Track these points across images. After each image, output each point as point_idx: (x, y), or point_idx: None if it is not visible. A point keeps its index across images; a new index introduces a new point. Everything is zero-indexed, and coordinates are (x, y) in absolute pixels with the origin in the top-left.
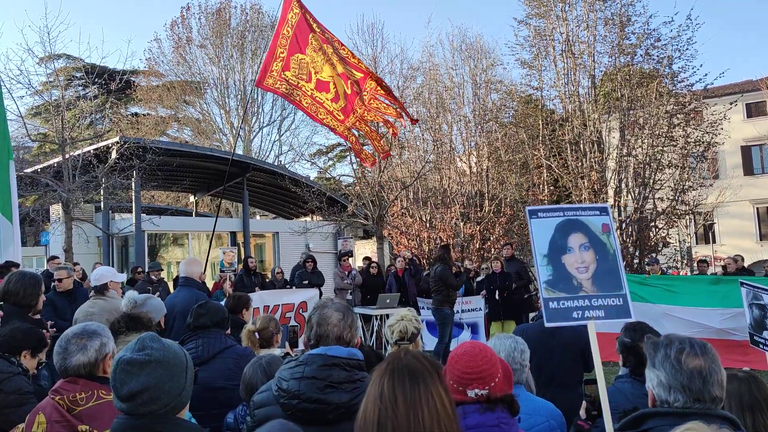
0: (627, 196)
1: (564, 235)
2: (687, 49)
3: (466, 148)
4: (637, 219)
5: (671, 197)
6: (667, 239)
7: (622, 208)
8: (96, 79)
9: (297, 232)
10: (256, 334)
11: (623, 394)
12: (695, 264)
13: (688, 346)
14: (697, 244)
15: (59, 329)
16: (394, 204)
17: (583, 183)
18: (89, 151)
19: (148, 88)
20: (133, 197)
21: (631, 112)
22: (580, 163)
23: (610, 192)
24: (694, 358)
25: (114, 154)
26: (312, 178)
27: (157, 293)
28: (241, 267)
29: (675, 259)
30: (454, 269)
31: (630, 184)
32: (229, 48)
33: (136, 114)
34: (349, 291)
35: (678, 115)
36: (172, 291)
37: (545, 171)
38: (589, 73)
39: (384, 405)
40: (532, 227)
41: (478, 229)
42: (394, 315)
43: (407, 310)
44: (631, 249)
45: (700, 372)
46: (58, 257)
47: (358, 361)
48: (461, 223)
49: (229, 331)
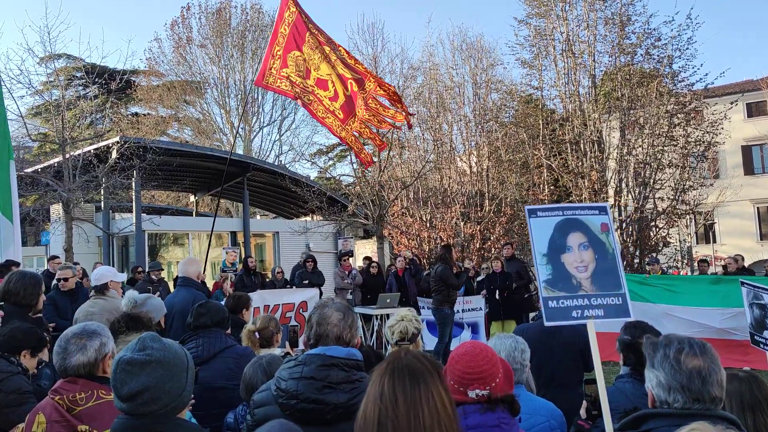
0: (627, 196)
1: (563, 235)
2: (687, 48)
3: (467, 147)
4: (637, 219)
5: (672, 197)
6: (668, 239)
7: (623, 208)
8: (96, 79)
9: (297, 232)
10: (257, 333)
11: (624, 394)
12: (696, 264)
13: (687, 346)
14: (697, 243)
15: (60, 329)
16: (395, 204)
17: (584, 183)
18: (89, 151)
19: (148, 88)
20: (133, 197)
21: (631, 111)
22: (580, 163)
23: (611, 192)
24: (693, 358)
25: (114, 154)
26: (312, 178)
27: (158, 293)
28: (240, 267)
29: (675, 259)
30: (455, 269)
31: (630, 183)
32: (230, 48)
33: (137, 114)
34: (350, 291)
35: (678, 114)
36: (172, 291)
37: (545, 171)
38: (589, 72)
39: (384, 405)
40: (531, 226)
41: (478, 228)
42: (394, 315)
43: (407, 310)
44: (631, 249)
45: (699, 372)
46: (58, 257)
47: (356, 361)
48: (461, 223)
49: (229, 330)
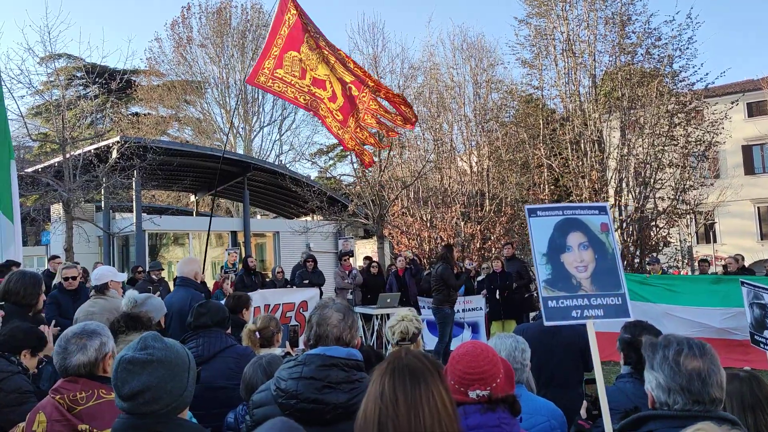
0: (628, 196)
1: (563, 234)
2: (687, 48)
3: (467, 147)
4: (637, 218)
5: (672, 196)
6: (668, 239)
7: (623, 208)
8: (96, 79)
9: (297, 232)
10: (257, 333)
11: (624, 394)
12: (696, 263)
13: (687, 347)
14: (698, 243)
15: (62, 328)
16: (395, 203)
17: (584, 182)
18: (90, 151)
19: (148, 88)
20: (133, 197)
21: (631, 111)
22: (580, 163)
23: (611, 191)
24: (693, 359)
25: (115, 154)
26: (313, 178)
27: (158, 293)
28: (240, 267)
29: (676, 259)
30: (456, 269)
31: (631, 183)
32: (230, 47)
33: (137, 113)
34: (350, 290)
35: (679, 114)
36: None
37: (546, 170)
38: (589, 72)
39: (385, 404)
40: (531, 226)
41: (478, 228)
42: (394, 315)
43: (408, 310)
44: (632, 248)
45: (699, 373)
46: (58, 257)
47: (356, 361)
48: (462, 223)
49: (229, 330)
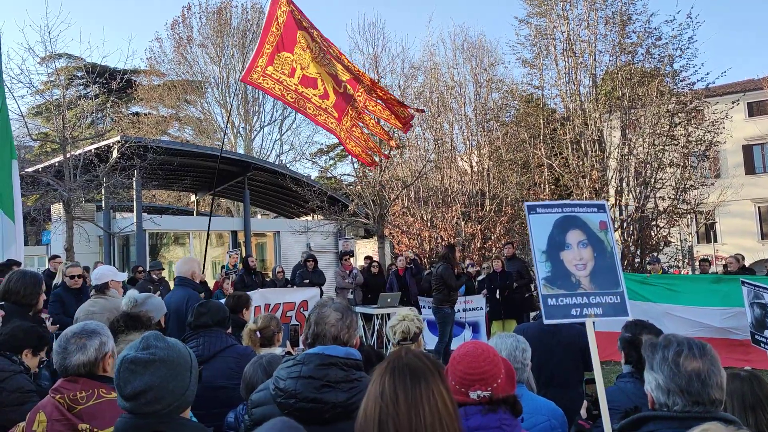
0: (628, 195)
1: (562, 232)
2: (688, 48)
3: (467, 147)
4: (638, 218)
5: (673, 196)
6: (669, 238)
7: (624, 207)
8: (97, 79)
9: (298, 232)
10: (258, 333)
11: (625, 394)
12: (697, 263)
13: (686, 348)
14: (698, 243)
15: (66, 326)
16: (395, 203)
17: (584, 182)
18: (90, 151)
19: (149, 88)
20: (134, 196)
21: (632, 111)
22: (581, 162)
23: (612, 191)
24: (693, 360)
25: (115, 154)
26: (313, 178)
27: (158, 292)
28: (241, 267)
29: (676, 259)
30: (457, 270)
31: (631, 183)
32: (230, 47)
33: (137, 113)
34: (350, 290)
35: (679, 114)
36: None
37: (546, 170)
38: (590, 72)
39: (385, 403)
40: (530, 223)
41: (479, 228)
42: (396, 315)
43: (408, 309)
44: (632, 248)
45: (698, 374)
46: (59, 256)
47: (355, 360)
48: (462, 223)
49: (230, 330)
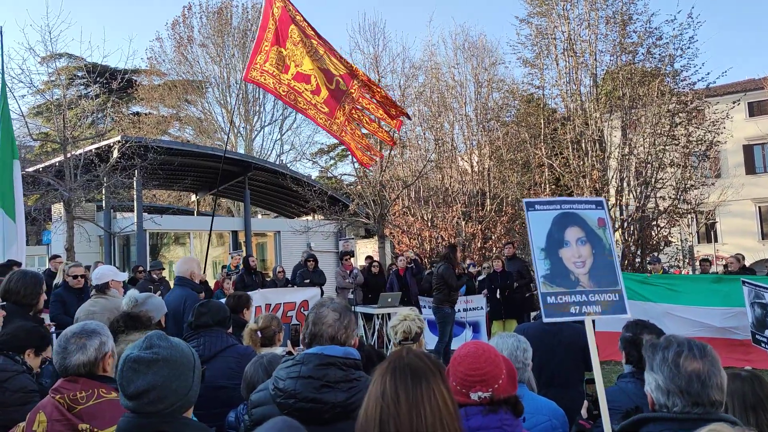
0: (629, 195)
1: (561, 229)
2: (689, 47)
3: (468, 147)
4: (638, 218)
5: (673, 196)
6: (669, 238)
7: (624, 207)
8: (97, 78)
9: (298, 232)
10: (258, 332)
11: (626, 394)
12: (697, 263)
13: (687, 349)
14: (699, 243)
15: (65, 326)
16: (396, 203)
17: (585, 182)
18: (91, 150)
19: (149, 87)
20: (134, 196)
21: (632, 110)
22: (581, 162)
23: (612, 191)
24: (693, 361)
25: (116, 153)
26: (313, 177)
27: (159, 292)
28: (242, 267)
29: (677, 258)
30: (458, 270)
31: (632, 182)
32: (231, 47)
33: (138, 113)
34: (351, 290)
35: (680, 113)
36: None
37: (547, 170)
38: (590, 71)
39: (386, 403)
40: (529, 220)
41: (479, 228)
42: (397, 315)
43: (409, 309)
44: (632, 248)
45: (698, 375)
46: (59, 256)
47: (354, 360)
48: (463, 222)
49: (230, 330)
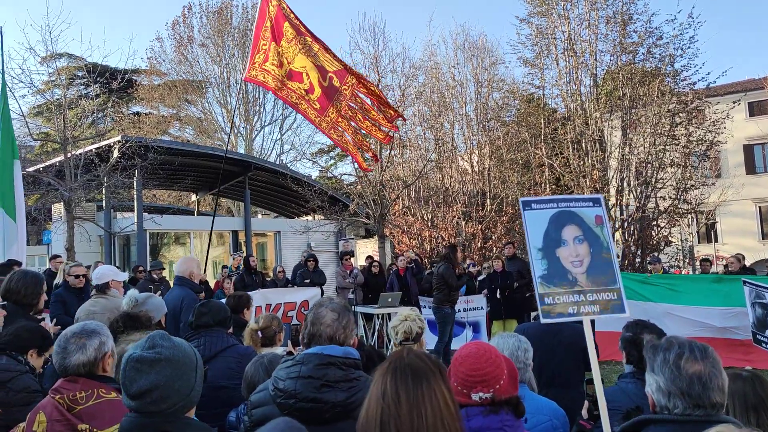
0: (629, 195)
1: (558, 228)
2: (689, 47)
3: (468, 146)
4: (639, 218)
5: (673, 196)
6: (669, 238)
7: (624, 207)
8: (98, 78)
9: (299, 231)
10: (259, 332)
11: (626, 394)
12: (697, 263)
13: (688, 351)
14: (699, 243)
15: (66, 326)
16: (396, 203)
17: (585, 182)
18: (91, 150)
19: (149, 87)
20: (135, 196)
21: (633, 110)
22: (581, 162)
23: (612, 191)
24: (694, 363)
25: (116, 153)
26: (314, 177)
27: (159, 292)
28: (242, 267)
29: (677, 258)
30: (458, 270)
31: (632, 182)
32: (231, 47)
33: (138, 113)
34: (351, 290)
35: (680, 113)
36: None
37: (547, 170)
38: (590, 71)
39: (387, 403)
40: (526, 219)
41: (479, 228)
42: (397, 316)
43: (410, 309)
44: (633, 248)
45: (699, 377)
46: (60, 256)
47: (354, 359)
48: (463, 222)
49: (231, 330)
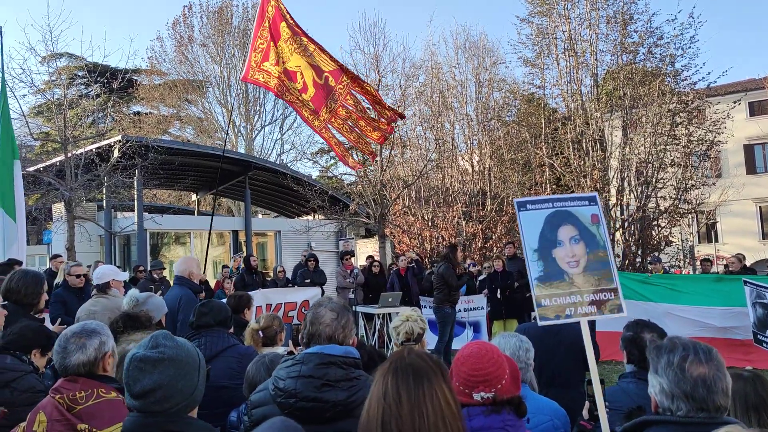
0: (629, 195)
1: (553, 228)
2: (690, 47)
3: (469, 146)
4: (639, 218)
5: (674, 196)
6: (670, 238)
7: (625, 207)
8: (98, 78)
9: (299, 231)
10: (260, 332)
11: (627, 394)
12: (698, 263)
13: (692, 353)
14: (699, 243)
15: (68, 326)
16: (396, 203)
17: (586, 182)
18: (91, 150)
19: (150, 87)
20: (135, 196)
21: (633, 110)
22: (582, 162)
23: (613, 191)
24: (699, 365)
25: (116, 153)
26: (314, 177)
27: (159, 292)
28: (242, 266)
29: (677, 258)
30: (458, 270)
31: (632, 182)
32: (231, 47)
33: (138, 113)
34: (351, 290)
35: (681, 113)
36: None
37: (547, 169)
38: (591, 71)
39: (388, 403)
40: (521, 220)
41: (480, 227)
42: (399, 316)
43: (411, 310)
44: (633, 248)
45: (704, 380)
46: (60, 256)
47: (354, 359)
48: (463, 222)
49: (231, 330)
